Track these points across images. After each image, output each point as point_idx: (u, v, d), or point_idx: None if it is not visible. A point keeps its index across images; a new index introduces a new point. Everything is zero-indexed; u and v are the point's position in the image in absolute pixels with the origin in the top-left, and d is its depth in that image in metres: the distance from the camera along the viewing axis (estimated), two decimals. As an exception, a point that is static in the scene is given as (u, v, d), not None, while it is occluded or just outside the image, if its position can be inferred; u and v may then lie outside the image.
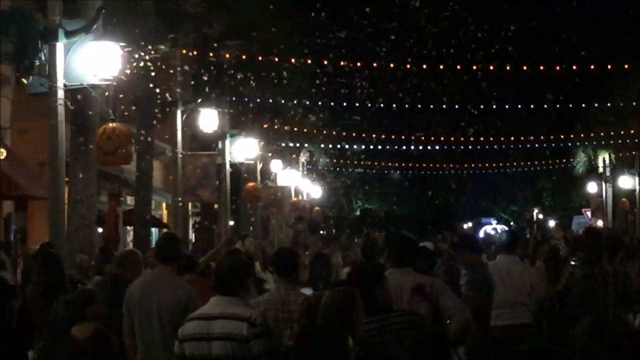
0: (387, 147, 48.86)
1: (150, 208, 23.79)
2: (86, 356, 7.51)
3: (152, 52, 17.59)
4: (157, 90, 20.80)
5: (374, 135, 46.91)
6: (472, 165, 58.28)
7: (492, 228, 60.86)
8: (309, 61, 30.93)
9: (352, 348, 6.21)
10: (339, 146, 48.57)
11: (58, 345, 8.25)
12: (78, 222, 16.10)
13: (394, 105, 41.93)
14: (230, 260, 6.80)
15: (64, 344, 8.09)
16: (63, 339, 8.16)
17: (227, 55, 25.96)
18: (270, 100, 34.33)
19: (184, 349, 6.52)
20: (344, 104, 41.12)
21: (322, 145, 47.06)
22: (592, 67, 33.13)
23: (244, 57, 26.83)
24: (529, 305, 10.81)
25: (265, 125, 36.03)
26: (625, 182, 46.32)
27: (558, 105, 42.08)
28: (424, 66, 33.69)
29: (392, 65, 33.13)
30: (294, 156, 44.95)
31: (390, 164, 56.20)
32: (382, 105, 42.19)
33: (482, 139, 48.11)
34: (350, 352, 6.10)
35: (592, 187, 50.27)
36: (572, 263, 14.53)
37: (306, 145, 45.53)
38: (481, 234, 47.60)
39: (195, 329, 6.52)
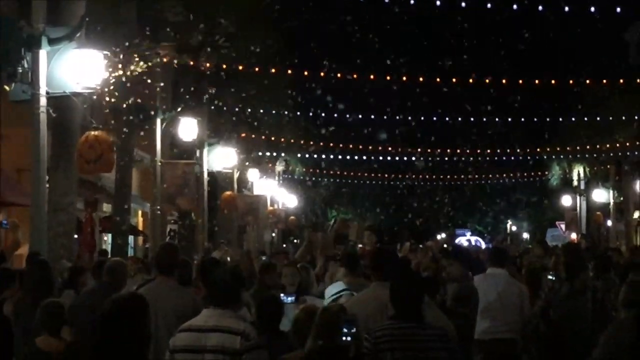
0: (364, 157, 48.94)
1: (129, 216, 23.72)
2: None
3: (137, 59, 17.56)
4: (138, 99, 20.76)
5: (350, 146, 46.94)
6: (448, 176, 58.42)
7: (466, 239, 61.03)
8: (289, 71, 30.96)
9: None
10: (315, 156, 48.56)
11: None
12: (57, 230, 16.02)
13: (372, 117, 42.05)
14: (224, 272, 6.77)
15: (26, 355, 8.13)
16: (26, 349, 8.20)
17: (207, 65, 25.94)
18: (249, 110, 34.30)
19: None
20: (322, 114, 41.20)
21: (299, 155, 47.07)
22: (570, 81, 33.33)
23: (224, 66, 26.81)
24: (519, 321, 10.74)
25: (242, 135, 36.00)
26: (600, 195, 46.59)
27: (535, 119, 42.32)
28: (404, 78, 33.85)
29: (371, 76, 33.21)
30: (270, 165, 44.94)
31: (366, 174, 56.26)
32: (360, 116, 42.31)
33: (458, 150, 48.28)
34: None
35: (566, 200, 50.52)
36: (550, 277, 14.49)
37: (282, 154, 45.52)
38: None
39: (188, 341, 6.48)
